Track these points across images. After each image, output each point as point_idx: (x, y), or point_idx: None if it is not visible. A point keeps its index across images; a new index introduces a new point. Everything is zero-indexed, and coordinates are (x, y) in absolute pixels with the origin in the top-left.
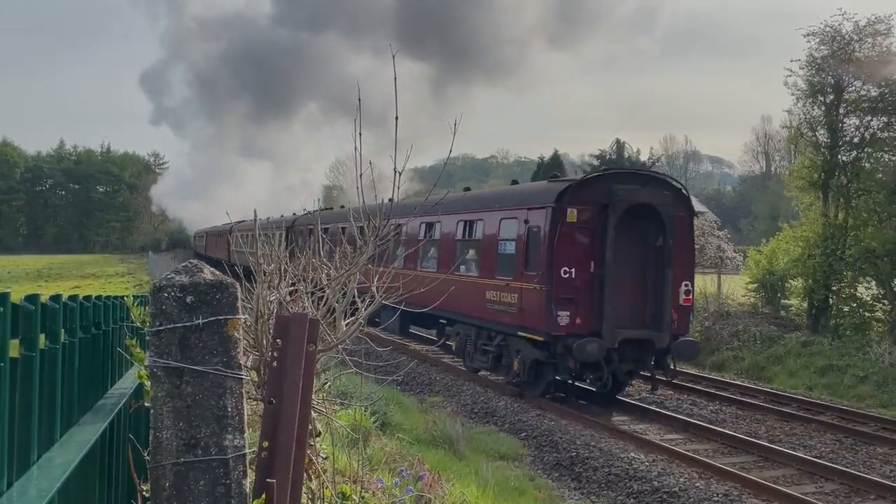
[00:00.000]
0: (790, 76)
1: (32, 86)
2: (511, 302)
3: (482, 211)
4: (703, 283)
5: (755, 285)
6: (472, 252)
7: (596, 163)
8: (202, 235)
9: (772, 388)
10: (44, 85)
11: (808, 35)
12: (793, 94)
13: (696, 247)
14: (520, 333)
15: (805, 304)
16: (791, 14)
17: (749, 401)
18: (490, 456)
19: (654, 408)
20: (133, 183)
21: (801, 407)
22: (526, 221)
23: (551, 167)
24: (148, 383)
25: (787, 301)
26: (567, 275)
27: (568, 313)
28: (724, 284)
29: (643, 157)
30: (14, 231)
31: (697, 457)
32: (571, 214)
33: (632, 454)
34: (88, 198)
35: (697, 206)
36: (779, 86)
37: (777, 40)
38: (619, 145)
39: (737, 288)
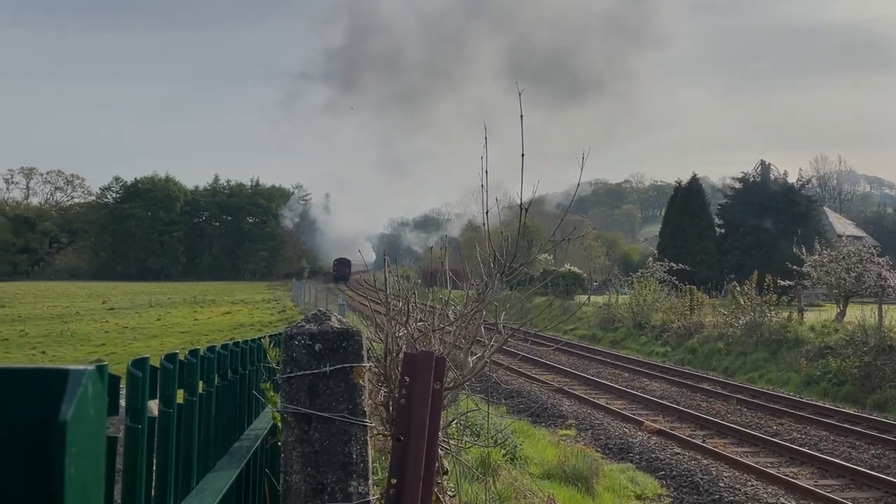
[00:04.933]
0: None
1: (191, 125)
2: None
3: None
4: (862, 313)
5: None
6: None
7: (738, 186)
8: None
9: None
10: (201, 125)
11: None
12: None
13: (854, 275)
14: None
15: None
16: None
17: None
18: (625, 496)
19: (806, 449)
20: (279, 214)
21: None
22: None
23: (689, 192)
24: (280, 425)
25: None
26: None
27: None
28: (885, 315)
29: (791, 179)
30: (174, 260)
31: None
32: None
33: (782, 500)
34: (239, 228)
35: (854, 230)
36: None
37: None
38: (765, 167)
39: None
